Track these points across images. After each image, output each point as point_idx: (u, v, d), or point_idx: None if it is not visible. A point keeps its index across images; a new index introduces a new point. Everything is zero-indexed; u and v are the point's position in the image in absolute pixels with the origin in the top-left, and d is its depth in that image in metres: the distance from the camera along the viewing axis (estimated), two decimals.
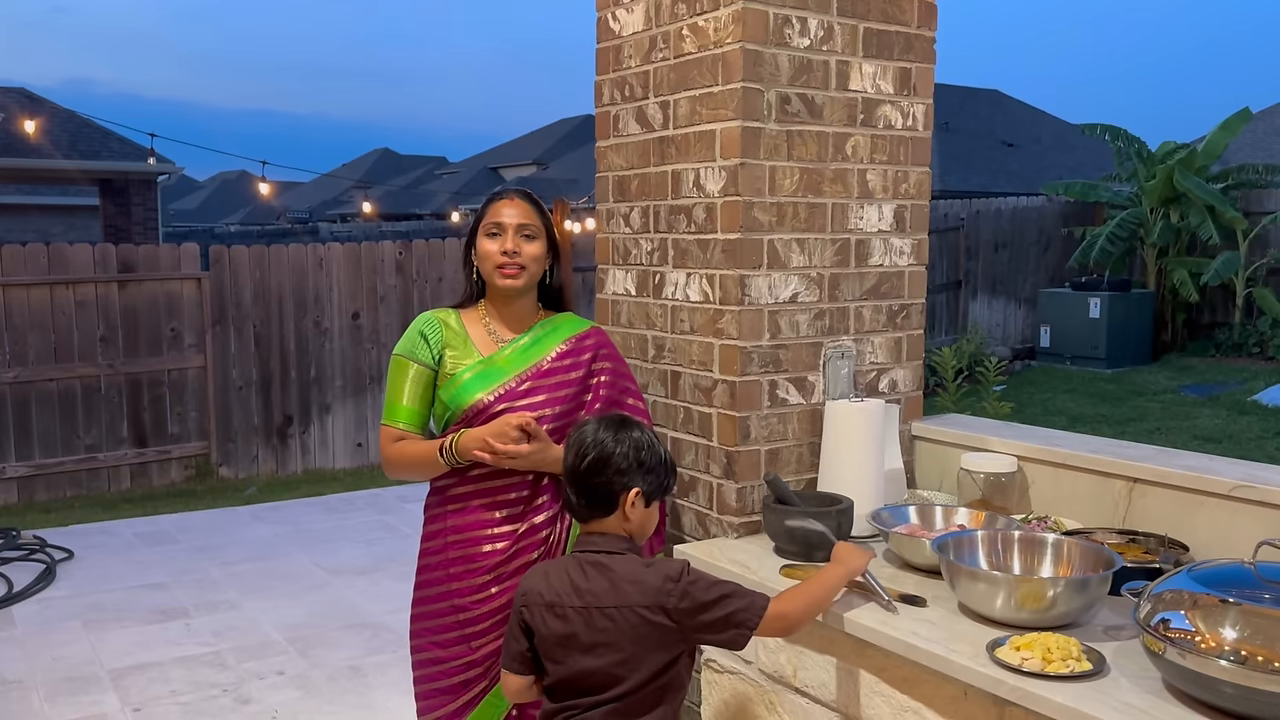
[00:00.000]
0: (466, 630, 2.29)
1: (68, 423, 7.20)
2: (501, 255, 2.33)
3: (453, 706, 2.33)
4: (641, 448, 1.96)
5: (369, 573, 5.50)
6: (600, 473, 1.93)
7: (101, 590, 5.25)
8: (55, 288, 7.09)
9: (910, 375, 2.88)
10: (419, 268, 8.39)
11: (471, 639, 2.29)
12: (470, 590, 2.29)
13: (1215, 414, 9.36)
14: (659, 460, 1.99)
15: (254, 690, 4.05)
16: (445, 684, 2.33)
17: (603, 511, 1.95)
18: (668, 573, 1.87)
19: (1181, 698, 1.65)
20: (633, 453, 1.94)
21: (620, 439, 1.95)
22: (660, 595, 1.85)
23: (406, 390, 2.35)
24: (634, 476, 1.94)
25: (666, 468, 2.02)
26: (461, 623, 2.30)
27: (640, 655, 1.85)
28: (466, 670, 2.31)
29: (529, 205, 2.38)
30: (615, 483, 1.93)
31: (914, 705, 1.97)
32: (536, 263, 2.37)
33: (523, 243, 2.34)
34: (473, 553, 2.29)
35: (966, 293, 12.78)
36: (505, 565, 2.28)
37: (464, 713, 2.32)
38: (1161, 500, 2.33)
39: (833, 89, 2.63)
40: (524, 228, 2.34)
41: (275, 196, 17.91)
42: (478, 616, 2.29)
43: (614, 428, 1.97)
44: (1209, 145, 12.59)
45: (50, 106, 15.67)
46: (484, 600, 2.28)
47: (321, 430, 8.11)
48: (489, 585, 2.28)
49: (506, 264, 2.33)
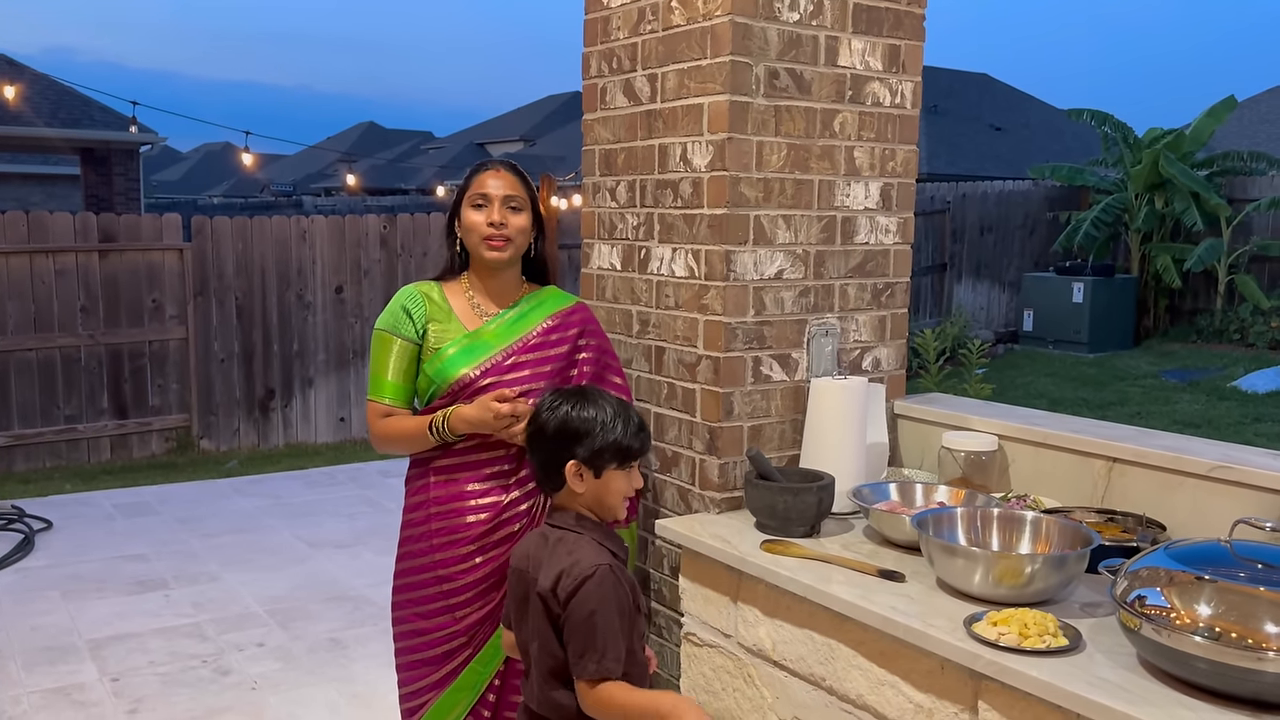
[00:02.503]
0: (451, 600, 2.30)
1: (47, 393, 7.14)
2: (489, 227, 2.31)
3: (435, 677, 2.33)
4: (569, 419, 1.91)
5: (350, 546, 5.49)
6: (538, 448, 1.95)
7: (80, 561, 5.22)
8: (35, 256, 7.02)
9: (894, 354, 2.89)
10: (403, 242, 8.34)
11: (456, 609, 2.30)
12: (455, 560, 2.29)
13: (1195, 399, 9.44)
14: (597, 426, 1.91)
15: (233, 661, 4.05)
16: (428, 655, 2.33)
17: (551, 485, 1.96)
18: (569, 568, 1.84)
19: (1156, 673, 1.67)
20: (563, 424, 1.91)
21: (560, 411, 1.92)
22: (556, 582, 1.84)
23: (391, 365, 2.33)
24: (568, 448, 1.91)
25: (611, 434, 1.92)
26: (445, 593, 2.30)
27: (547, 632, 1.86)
28: (449, 640, 2.31)
29: (514, 177, 2.37)
30: (552, 457, 1.93)
31: (891, 679, 1.98)
32: (523, 235, 2.36)
33: (509, 214, 2.32)
34: (457, 523, 2.29)
35: (951, 276, 12.82)
36: (489, 535, 2.28)
37: (446, 682, 2.32)
38: (1140, 480, 2.35)
39: (821, 65, 2.62)
40: (510, 199, 2.33)
41: (259, 169, 17.77)
42: (462, 586, 2.29)
43: (568, 400, 1.95)
44: (1195, 132, 12.64)
45: (31, 73, 15.45)
46: (468, 570, 2.29)
47: (304, 404, 8.08)
48: (473, 555, 2.28)
49: (494, 236, 2.31)
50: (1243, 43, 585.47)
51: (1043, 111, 24.48)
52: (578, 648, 1.81)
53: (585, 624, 1.80)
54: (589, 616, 1.80)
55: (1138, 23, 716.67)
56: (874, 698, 2.02)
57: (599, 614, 1.80)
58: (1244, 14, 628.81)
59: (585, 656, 1.80)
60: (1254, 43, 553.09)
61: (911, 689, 1.94)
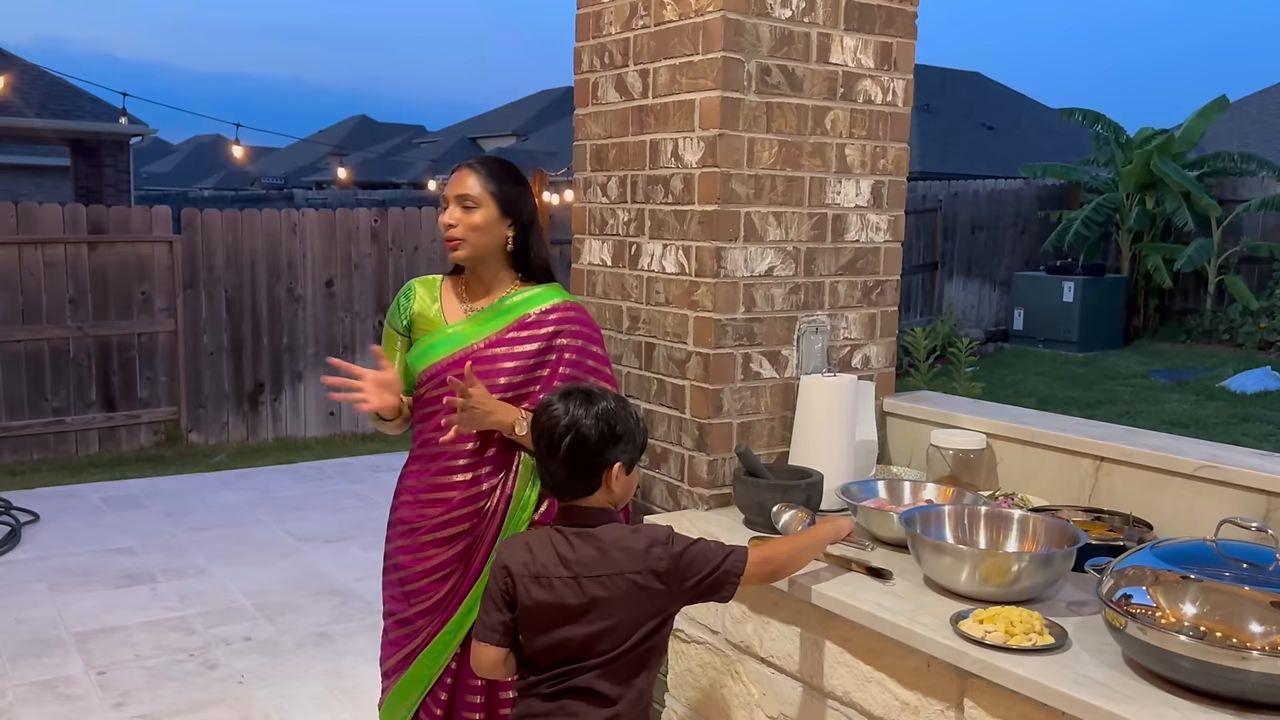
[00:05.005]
0: (406, 588, 2.36)
1: (35, 385, 7.11)
2: (445, 228, 2.34)
3: (396, 658, 2.39)
4: (614, 418, 1.91)
5: (338, 540, 5.48)
6: (581, 454, 1.88)
7: (67, 553, 5.20)
8: (24, 247, 6.98)
9: (883, 351, 2.89)
10: (394, 236, 8.32)
11: (411, 596, 2.35)
12: (411, 549, 2.34)
13: (1184, 399, 9.47)
14: (631, 425, 1.94)
15: (220, 655, 4.03)
16: (394, 635, 2.41)
17: (586, 490, 1.91)
18: (654, 536, 1.88)
19: (1141, 672, 1.68)
20: (607, 426, 1.90)
21: (592, 414, 1.90)
22: (649, 559, 1.84)
23: (391, 355, 2.45)
24: (613, 450, 1.90)
25: (640, 429, 1.97)
26: (402, 579, 2.37)
27: (629, 620, 1.85)
28: (405, 625, 2.37)
29: (475, 175, 2.33)
30: (597, 461, 1.90)
31: (877, 676, 1.99)
32: (476, 232, 2.32)
33: (460, 214, 2.32)
34: (416, 514, 2.34)
35: (942, 274, 12.84)
36: (443, 529, 2.31)
37: (403, 667, 2.37)
38: (1127, 479, 2.36)
39: (813, 61, 2.61)
40: (464, 198, 2.32)
41: (250, 161, 17.68)
42: (413, 575, 2.34)
43: (583, 403, 1.91)
44: (1186, 132, 12.68)
45: (20, 64, 15.34)
46: (420, 560, 2.33)
47: (293, 398, 8.06)
48: (427, 547, 2.32)
49: (449, 236, 2.33)
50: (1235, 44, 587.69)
51: (1034, 110, 24.53)
52: (712, 562, 1.88)
53: (698, 547, 1.89)
54: (695, 542, 1.90)
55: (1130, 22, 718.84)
56: (860, 695, 2.03)
57: (699, 540, 1.91)
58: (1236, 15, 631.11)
59: (726, 559, 1.89)
60: (1246, 44, 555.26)
61: (898, 686, 1.95)
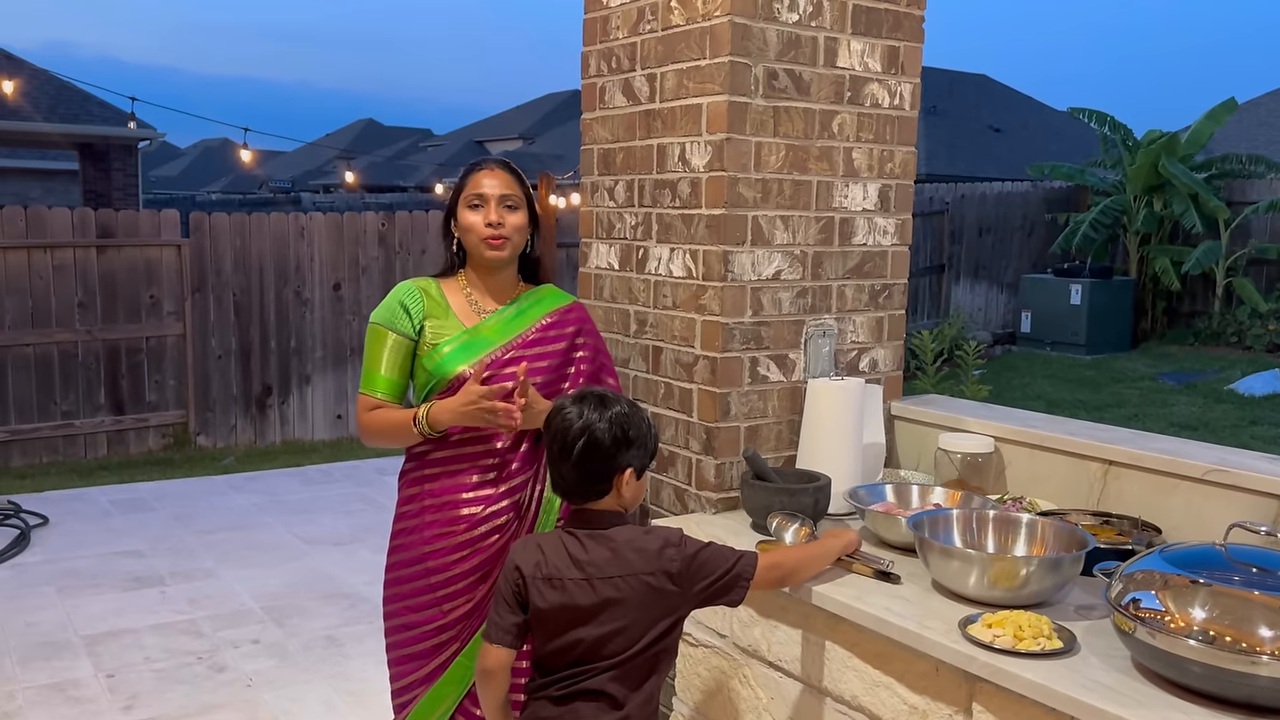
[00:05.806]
0: (438, 593, 2.31)
1: (44, 388, 7.13)
2: (486, 227, 2.32)
3: (424, 671, 2.34)
4: (628, 423, 1.92)
5: (346, 544, 5.49)
6: (594, 458, 1.90)
7: (76, 556, 5.22)
8: (33, 251, 7.01)
9: (891, 355, 2.89)
10: (402, 239, 8.34)
11: (443, 601, 2.31)
12: (446, 552, 2.30)
13: (1192, 402, 9.44)
14: (643, 430, 1.96)
15: (229, 658, 4.04)
16: (417, 649, 2.34)
17: (597, 494, 1.92)
18: (667, 537, 1.89)
19: (1150, 676, 1.67)
20: (620, 431, 1.91)
21: (606, 418, 1.91)
22: (663, 560, 1.86)
23: (385, 360, 2.34)
24: (625, 455, 1.91)
25: (652, 435, 1.99)
26: (433, 585, 2.32)
27: (641, 622, 1.86)
28: (438, 634, 2.32)
29: (510, 176, 2.37)
30: (609, 465, 1.91)
31: (886, 680, 1.98)
32: (520, 233, 2.37)
33: (506, 213, 2.33)
34: (451, 515, 2.31)
35: (950, 277, 12.82)
36: (478, 528, 2.30)
37: (434, 677, 2.33)
38: (1136, 483, 2.35)
39: (820, 66, 2.62)
40: (506, 198, 2.34)
41: (257, 165, 17.72)
42: (451, 578, 2.31)
43: (597, 407, 1.92)
44: (1194, 134, 12.64)
45: (30, 68, 15.41)
46: (458, 562, 2.30)
47: (301, 401, 8.08)
48: (463, 548, 2.30)
49: (492, 235, 2.32)
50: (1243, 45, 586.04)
51: (1041, 112, 24.49)
52: (723, 566, 1.91)
53: (709, 550, 1.91)
54: (707, 545, 1.92)
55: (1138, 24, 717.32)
56: (869, 699, 2.02)
57: (711, 543, 1.94)
58: (1245, 16, 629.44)
59: (737, 563, 1.91)
60: (1255, 45, 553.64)
61: (906, 690, 1.95)
